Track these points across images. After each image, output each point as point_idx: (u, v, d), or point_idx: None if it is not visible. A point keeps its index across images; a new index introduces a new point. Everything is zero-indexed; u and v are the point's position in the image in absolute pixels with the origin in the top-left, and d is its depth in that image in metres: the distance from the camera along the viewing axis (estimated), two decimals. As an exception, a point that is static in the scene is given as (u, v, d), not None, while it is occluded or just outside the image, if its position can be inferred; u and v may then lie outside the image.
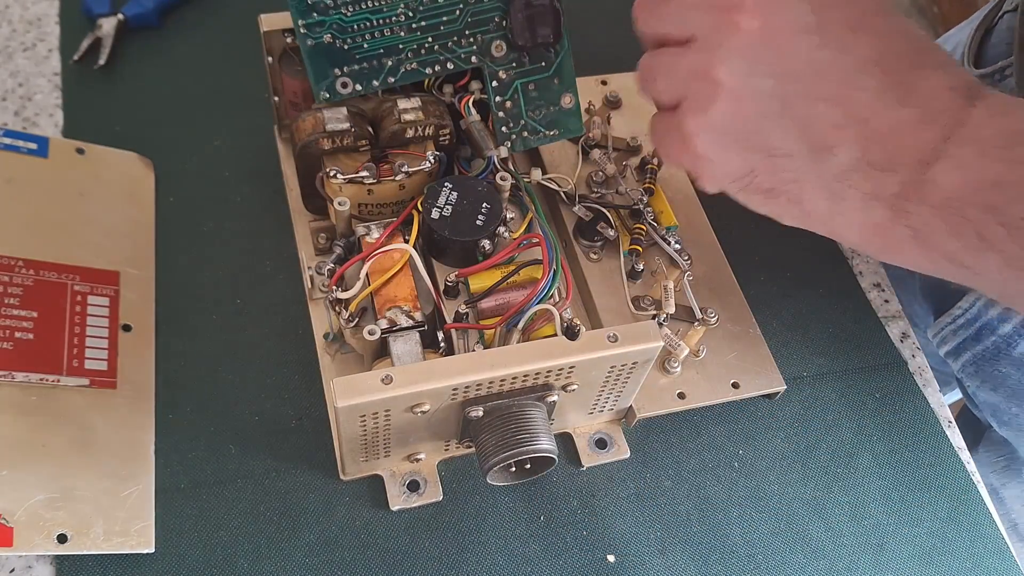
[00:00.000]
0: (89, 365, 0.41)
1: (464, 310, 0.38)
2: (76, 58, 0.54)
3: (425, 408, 0.35)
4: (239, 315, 0.45)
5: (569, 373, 0.37)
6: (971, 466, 0.45)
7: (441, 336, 0.38)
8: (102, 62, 0.53)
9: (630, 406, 0.43)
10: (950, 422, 0.46)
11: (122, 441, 0.40)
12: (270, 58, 0.45)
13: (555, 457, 0.37)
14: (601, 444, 0.43)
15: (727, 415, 0.45)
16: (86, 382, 0.41)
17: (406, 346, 0.37)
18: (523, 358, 0.35)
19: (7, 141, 0.47)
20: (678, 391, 0.43)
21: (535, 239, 0.39)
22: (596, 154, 0.49)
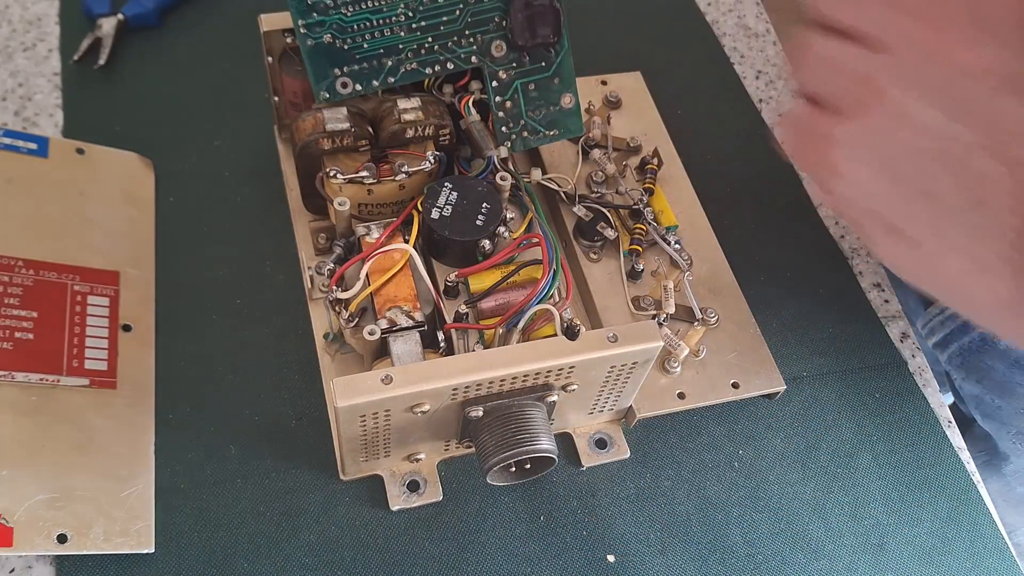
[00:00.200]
0: (89, 365, 0.41)
1: (464, 310, 0.38)
2: (76, 58, 0.54)
3: (425, 408, 0.35)
4: (239, 315, 0.45)
5: (569, 373, 0.37)
6: (971, 466, 0.45)
7: (441, 336, 0.38)
8: (102, 62, 0.53)
9: (630, 406, 0.43)
10: (950, 422, 0.46)
11: (122, 441, 0.40)
12: (270, 58, 0.45)
13: (555, 457, 0.37)
14: (601, 444, 0.43)
15: (727, 415, 0.45)
16: (86, 382, 0.41)
17: (406, 346, 0.37)
18: (523, 358, 0.35)
19: (7, 141, 0.47)
20: (678, 391, 0.43)
21: (535, 239, 0.39)
22: (596, 154, 0.49)
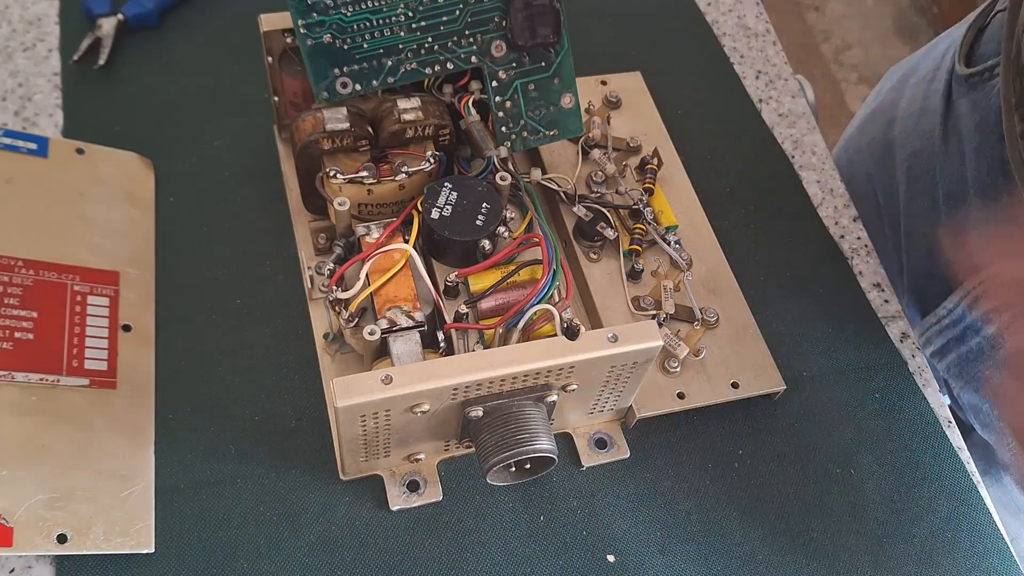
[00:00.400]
0: (89, 365, 0.41)
1: (464, 310, 0.38)
2: (76, 58, 0.53)
3: (425, 408, 0.35)
4: (239, 315, 0.45)
5: (569, 373, 0.37)
6: (971, 466, 0.45)
7: (441, 336, 0.38)
8: (102, 62, 0.53)
9: (630, 406, 0.43)
10: (950, 422, 0.46)
11: (122, 441, 0.40)
12: (270, 58, 0.45)
13: (555, 457, 0.37)
14: (601, 444, 0.43)
15: (727, 415, 0.45)
16: (86, 382, 0.41)
17: (406, 346, 0.37)
18: (523, 358, 0.35)
19: (7, 141, 0.47)
20: (678, 391, 0.43)
21: (535, 239, 0.39)
22: (596, 154, 0.49)
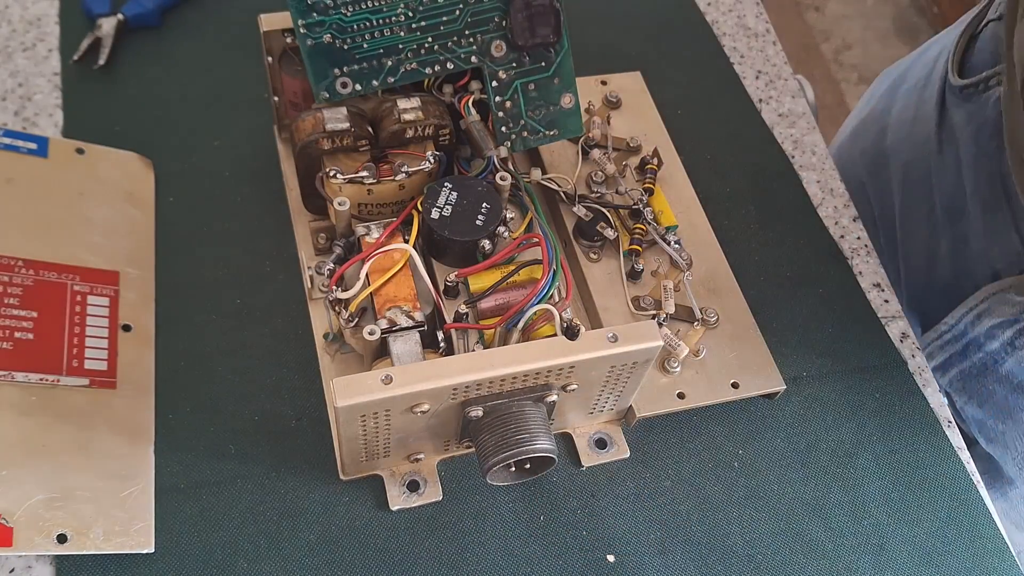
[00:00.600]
0: (89, 365, 0.41)
1: (464, 310, 0.38)
2: (76, 58, 0.53)
3: (425, 408, 0.35)
4: (239, 315, 0.45)
5: (569, 373, 0.37)
6: (971, 466, 0.45)
7: (441, 336, 0.38)
8: (102, 62, 0.53)
9: (630, 406, 0.43)
10: (950, 422, 0.46)
11: (122, 441, 0.40)
12: (270, 58, 0.45)
13: (555, 457, 0.37)
14: (601, 444, 0.43)
15: (727, 415, 0.45)
16: (86, 382, 0.41)
17: (406, 346, 0.37)
18: (523, 358, 0.35)
19: (7, 141, 0.47)
20: (678, 391, 0.43)
21: (535, 239, 0.39)
22: (596, 154, 0.49)
